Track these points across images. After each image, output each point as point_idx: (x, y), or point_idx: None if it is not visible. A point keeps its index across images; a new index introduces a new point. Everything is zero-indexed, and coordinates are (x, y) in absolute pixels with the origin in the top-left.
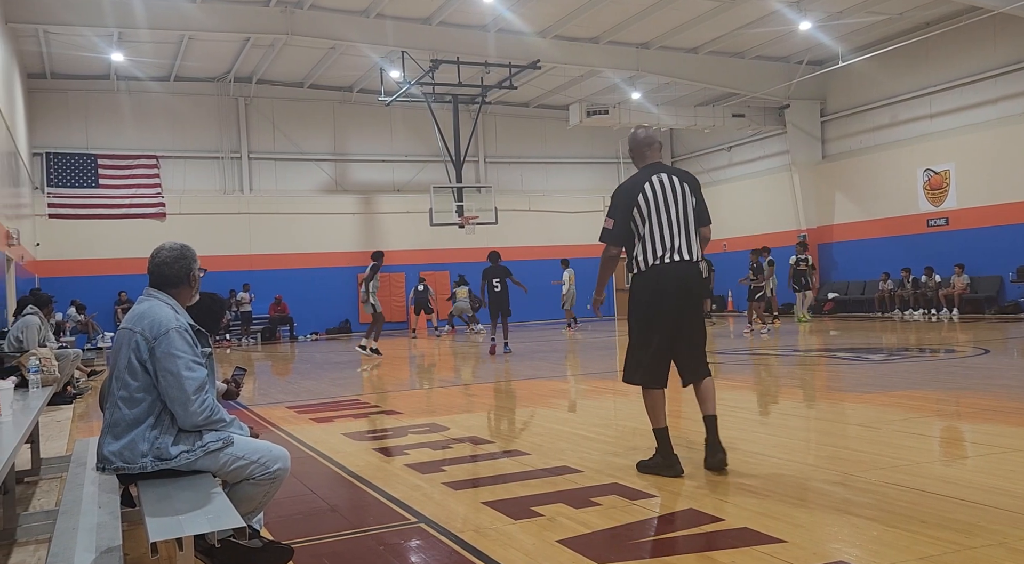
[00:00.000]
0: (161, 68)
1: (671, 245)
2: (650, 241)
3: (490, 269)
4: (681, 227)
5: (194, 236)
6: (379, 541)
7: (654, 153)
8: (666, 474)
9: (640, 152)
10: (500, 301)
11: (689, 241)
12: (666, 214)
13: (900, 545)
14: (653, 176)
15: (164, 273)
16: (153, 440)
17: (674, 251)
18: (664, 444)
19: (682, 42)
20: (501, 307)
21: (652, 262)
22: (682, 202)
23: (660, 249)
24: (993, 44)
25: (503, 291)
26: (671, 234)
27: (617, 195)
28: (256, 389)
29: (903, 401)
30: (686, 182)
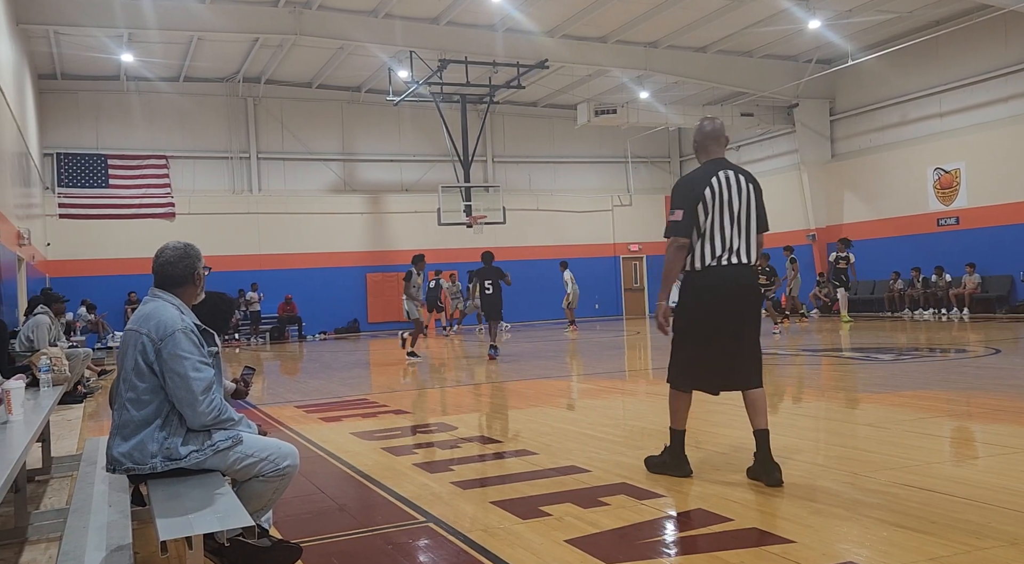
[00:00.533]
0: (171, 68)
1: (730, 246)
2: (709, 239)
3: (482, 270)
4: (742, 228)
5: (203, 236)
6: (387, 540)
7: (719, 148)
8: (674, 474)
9: (705, 145)
10: (492, 304)
11: (748, 244)
12: (729, 213)
13: (910, 546)
14: (720, 172)
15: (168, 273)
16: (162, 441)
17: (732, 252)
18: (677, 445)
19: (690, 41)
20: (492, 310)
21: (709, 262)
22: (746, 202)
23: (719, 248)
24: (1004, 42)
25: (495, 293)
26: (731, 234)
27: (681, 188)
28: (265, 388)
29: (913, 401)
30: (751, 183)
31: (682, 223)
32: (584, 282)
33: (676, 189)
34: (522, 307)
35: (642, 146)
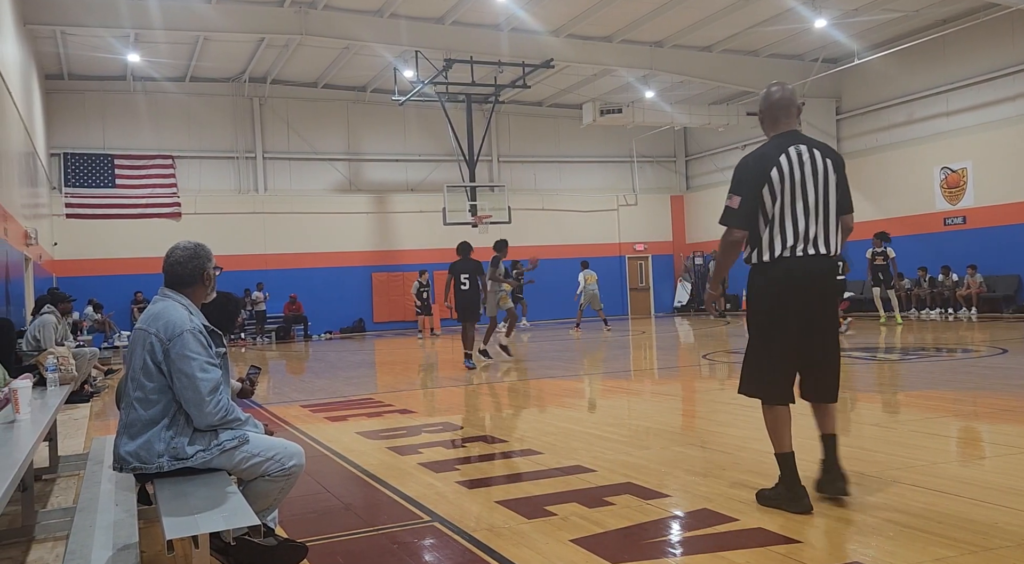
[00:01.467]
0: (177, 69)
1: (805, 234)
2: (779, 227)
3: (458, 263)
4: (819, 213)
5: (209, 235)
6: (393, 540)
7: (791, 119)
8: (791, 509)
9: (773, 116)
10: (467, 302)
11: (827, 231)
12: (802, 195)
13: (916, 546)
14: (790, 147)
15: (178, 272)
16: (169, 440)
17: (808, 242)
18: (789, 472)
19: (696, 40)
20: (469, 309)
21: (779, 252)
22: (823, 182)
23: (791, 237)
24: (1011, 41)
25: (472, 290)
26: (806, 220)
27: (743, 168)
28: (270, 388)
29: (919, 401)
30: (829, 157)
31: (738, 212)
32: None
33: (738, 170)
34: (529, 307)
35: (648, 146)
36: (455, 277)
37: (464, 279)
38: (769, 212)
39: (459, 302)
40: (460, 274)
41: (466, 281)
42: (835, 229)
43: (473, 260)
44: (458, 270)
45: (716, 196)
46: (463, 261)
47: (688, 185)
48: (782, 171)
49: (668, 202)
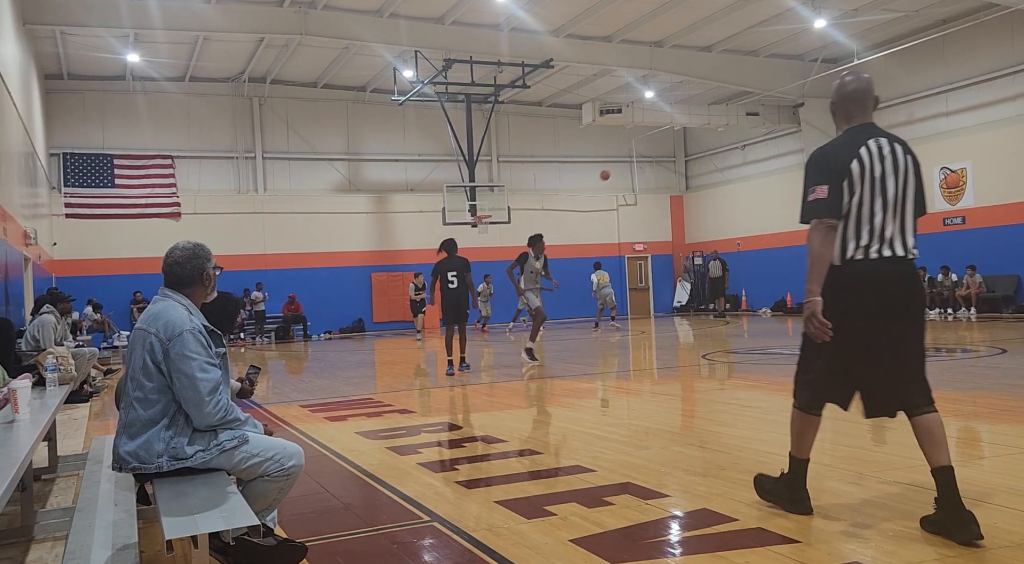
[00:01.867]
0: (176, 69)
1: (881, 233)
2: (854, 225)
3: (445, 261)
4: (897, 211)
5: (208, 235)
6: (392, 540)
7: (866, 111)
8: (789, 509)
9: (846, 109)
10: (455, 302)
11: (904, 231)
12: (881, 192)
13: (915, 546)
14: (870, 140)
15: (176, 273)
16: (168, 440)
17: (884, 242)
18: (796, 475)
19: (696, 40)
20: (456, 310)
21: (852, 254)
22: (903, 179)
23: (866, 236)
24: (1011, 41)
25: (460, 289)
26: (884, 218)
27: (820, 161)
28: (270, 388)
29: None
30: (910, 154)
31: (828, 200)
32: (588, 283)
33: (813, 162)
34: None
35: (647, 146)
36: (442, 276)
37: (451, 278)
38: (845, 208)
39: (446, 302)
40: (447, 273)
41: (454, 279)
42: (913, 229)
43: (460, 258)
44: (444, 269)
45: (716, 196)
46: (449, 259)
47: (688, 185)
48: (863, 164)
49: (667, 202)
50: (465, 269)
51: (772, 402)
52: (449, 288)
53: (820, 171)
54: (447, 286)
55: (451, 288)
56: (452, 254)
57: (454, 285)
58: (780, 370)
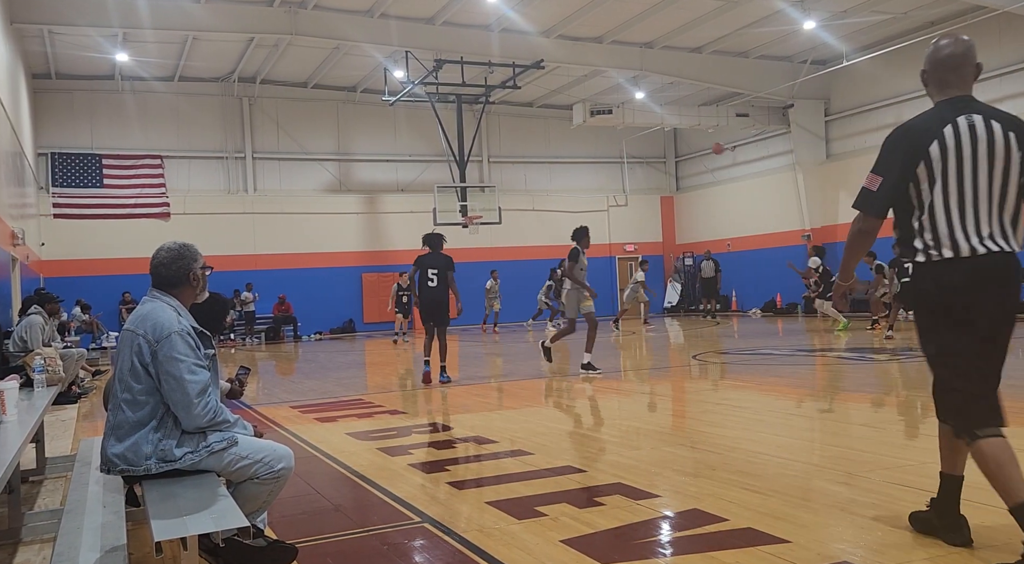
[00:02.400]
0: (165, 68)
1: (976, 226)
2: (943, 216)
3: (427, 257)
4: (995, 199)
5: (198, 236)
6: (383, 541)
7: (965, 81)
8: (947, 540)
9: (939, 78)
10: (435, 302)
11: (1003, 222)
12: (972, 177)
13: (904, 546)
14: (959, 117)
15: (162, 274)
16: (157, 442)
17: (982, 236)
18: (947, 497)
19: (686, 41)
20: (434, 312)
21: (941, 250)
22: (1003, 161)
23: (959, 230)
24: (999, 43)
25: (440, 288)
26: (977, 209)
27: (894, 142)
28: (260, 389)
29: (908, 401)
30: (1012, 131)
31: (876, 196)
32: None
33: (887, 142)
34: (518, 308)
35: (638, 146)
36: (422, 272)
37: (432, 275)
38: (925, 197)
39: (424, 302)
40: (428, 269)
41: (434, 277)
42: (1016, 220)
43: (444, 255)
44: (426, 264)
45: (706, 197)
46: (432, 255)
47: (678, 186)
48: (945, 146)
49: (658, 203)
50: (448, 267)
51: (762, 402)
52: (428, 286)
53: (887, 156)
54: (426, 284)
55: (430, 287)
56: (436, 250)
57: (434, 283)
58: (770, 371)
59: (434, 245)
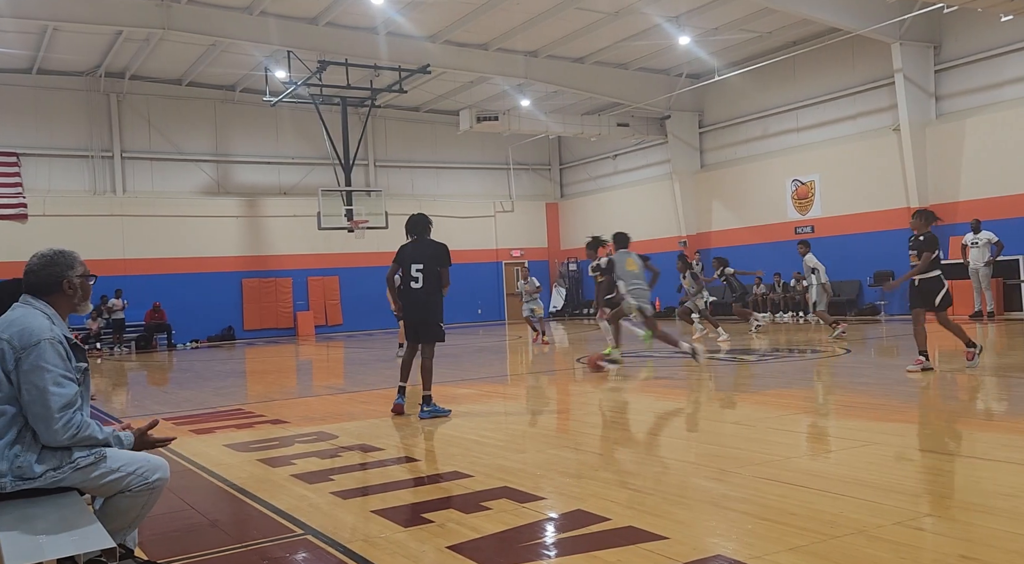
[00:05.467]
0: (22, 59)
1: None
2: None
3: (408, 248)
4: None
5: (61, 239)
6: (263, 555)
7: None
8: None
9: None
10: (418, 309)
11: None
12: None
13: (772, 537)
14: None
15: (31, 281)
16: (13, 458)
17: None
18: None
19: (569, 51)
20: (420, 318)
21: None
22: None
23: None
24: (852, 64)
25: (428, 289)
26: None
27: None
28: (130, 400)
29: (775, 399)
30: None
31: None
32: (467, 287)
33: None
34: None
35: (524, 153)
36: (404, 268)
37: (416, 272)
38: None
39: (408, 307)
40: (411, 265)
41: (418, 275)
42: None
43: (433, 243)
44: (407, 258)
45: (589, 204)
46: (416, 245)
47: (563, 193)
48: None
49: (543, 209)
50: (438, 261)
51: (642, 404)
52: (411, 288)
53: None
54: (408, 285)
55: (413, 288)
56: (422, 238)
57: (418, 284)
58: (649, 373)
59: (419, 231)
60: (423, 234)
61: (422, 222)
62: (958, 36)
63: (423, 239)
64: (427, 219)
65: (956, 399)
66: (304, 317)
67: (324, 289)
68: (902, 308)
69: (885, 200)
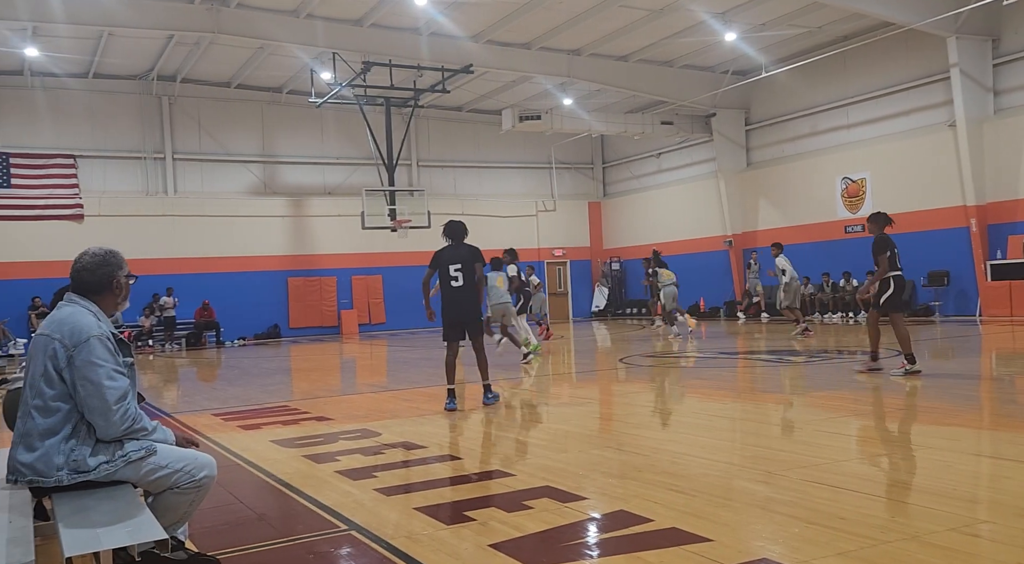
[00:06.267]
0: (79, 64)
1: None
2: None
3: (447, 251)
4: None
5: (115, 238)
6: (308, 550)
7: None
8: None
9: None
10: (460, 307)
11: None
12: None
13: (820, 541)
14: None
15: (85, 279)
16: (69, 452)
17: None
18: None
19: (613, 49)
20: (461, 318)
21: None
22: None
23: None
24: (906, 58)
25: (467, 288)
26: None
27: None
28: (180, 396)
29: (823, 401)
30: None
31: None
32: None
33: None
34: None
35: (566, 152)
36: (442, 269)
37: (455, 272)
38: None
39: (447, 307)
40: (448, 266)
41: (457, 274)
42: None
43: (468, 246)
44: (446, 260)
45: (632, 203)
46: (453, 248)
47: (605, 192)
48: None
49: (586, 208)
50: (474, 260)
51: (686, 404)
52: (451, 287)
53: None
54: (448, 284)
55: (454, 287)
56: (458, 242)
57: (458, 283)
58: (693, 373)
59: (455, 235)
60: (459, 239)
61: (461, 228)
62: (1018, 29)
63: (458, 243)
64: (463, 224)
65: (1014, 402)
66: (348, 315)
67: (367, 288)
68: (957, 309)
69: (940, 198)
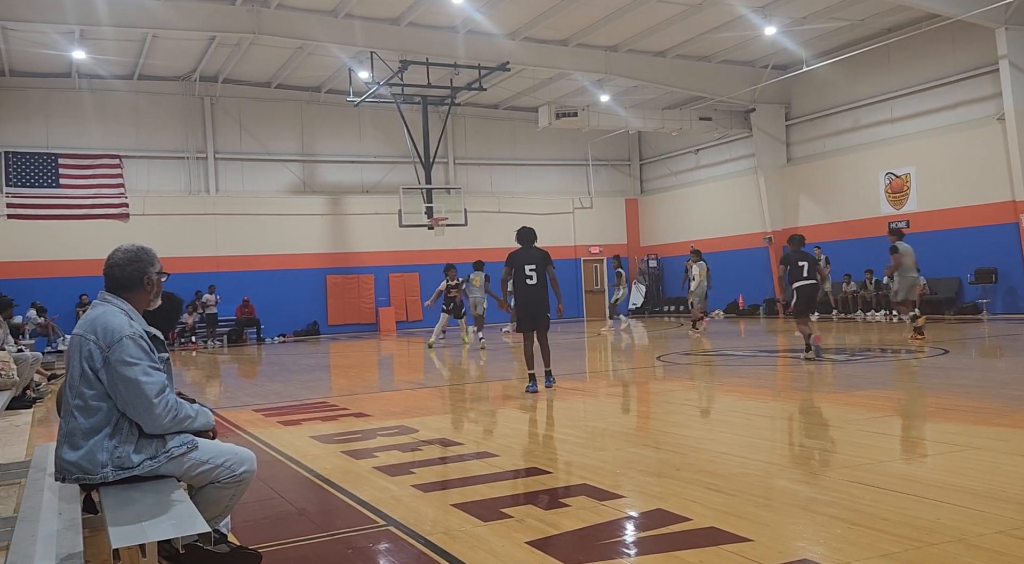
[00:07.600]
0: (124, 66)
1: None
2: None
3: (521, 253)
4: None
5: (158, 237)
6: (347, 545)
7: None
8: None
9: None
10: (534, 303)
11: None
12: None
13: (863, 542)
14: None
15: (116, 275)
16: (112, 450)
17: None
18: None
19: (650, 45)
20: (535, 313)
21: None
22: None
23: None
24: (952, 51)
25: (540, 286)
26: None
27: None
28: (222, 392)
29: (865, 401)
30: None
31: None
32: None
33: None
34: None
35: (603, 149)
36: (517, 269)
37: (530, 272)
38: None
39: (521, 304)
40: (524, 265)
41: (532, 274)
42: None
43: (540, 249)
44: (521, 260)
45: (670, 200)
46: (526, 250)
47: (642, 188)
48: None
49: (623, 205)
50: (546, 262)
51: (725, 403)
52: (527, 285)
53: None
54: (523, 283)
55: (529, 285)
56: (529, 245)
57: (533, 281)
58: (732, 371)
59: (527, 240)
60: (530, 242)
61: (532, 233)
62: None
63: (530, 246)
64: (533, 231)
65: None
66: (385, 313)
67: (404, 285)
68: (1005, 307)
69: (987, 193)
